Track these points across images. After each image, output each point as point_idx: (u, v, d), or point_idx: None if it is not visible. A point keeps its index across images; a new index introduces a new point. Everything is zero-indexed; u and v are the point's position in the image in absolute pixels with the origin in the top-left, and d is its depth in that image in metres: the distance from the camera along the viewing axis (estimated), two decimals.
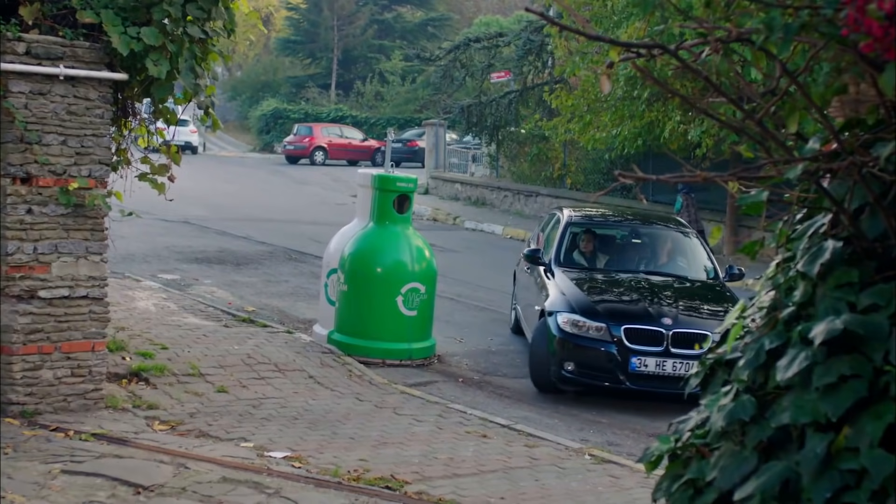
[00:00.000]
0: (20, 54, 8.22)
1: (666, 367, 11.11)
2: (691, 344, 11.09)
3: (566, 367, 11.31)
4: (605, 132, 24.16)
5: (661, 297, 11.79)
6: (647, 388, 11.17)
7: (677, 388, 10.07)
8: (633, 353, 11.13)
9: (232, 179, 36.86)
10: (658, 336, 11.19)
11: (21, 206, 8.32)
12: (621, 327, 11.23)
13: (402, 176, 12.66)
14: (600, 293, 12.00)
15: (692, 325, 11.29)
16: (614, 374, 11.17)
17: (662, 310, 11.49)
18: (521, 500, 7.66)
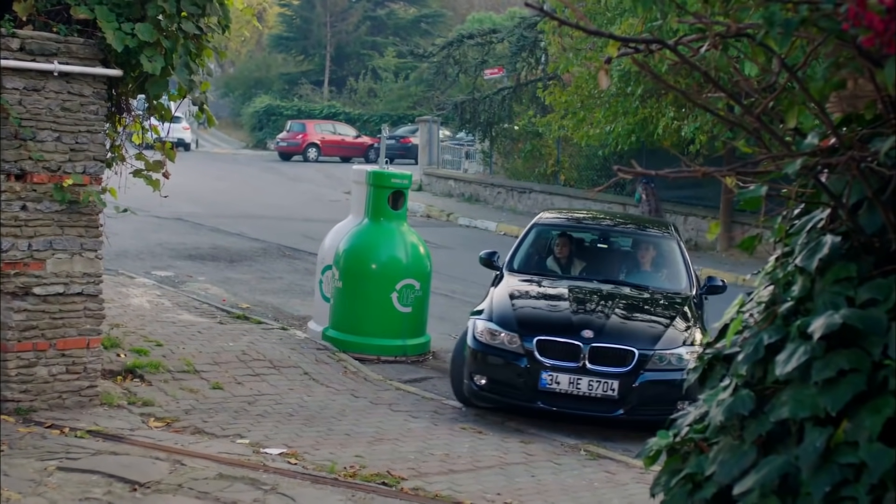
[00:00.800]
0: (14, 50, 8.20)
1: (581, 386, 9.75)
2: (613, 361, 9.80)
3: (477, 381, 10.05)
4: (599, 129, 24.16)
5: (600, 308, 10.46)
6: (560, 409, 9.85)
7: (595, 410, 9.79)
8: (545, 368, 9.81)
9: (225, 176, 36.83)
10: (574, 350, 9.85)
11: (15, 202, 8.30)
12: (534, 339, 9.91)
13: (397, 172, 12.66)
14: (531, 301, 10.69)
15: (617, 340, 9.93)
16: (524, 391, 9.87)
17: (587, 321, 10.11)
18: (517, 496, 7.66)
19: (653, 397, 9.81)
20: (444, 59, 37.79)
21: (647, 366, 9.83)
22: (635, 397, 9.76)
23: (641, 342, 9.95)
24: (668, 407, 8.91)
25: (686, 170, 3.47)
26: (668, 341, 10.01)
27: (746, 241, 3.90)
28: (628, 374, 9.79)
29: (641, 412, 9.79)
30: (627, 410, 9.77)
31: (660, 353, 9.88)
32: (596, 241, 12.27)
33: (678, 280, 11.44)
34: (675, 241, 11.88)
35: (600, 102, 24.10)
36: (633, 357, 9.84)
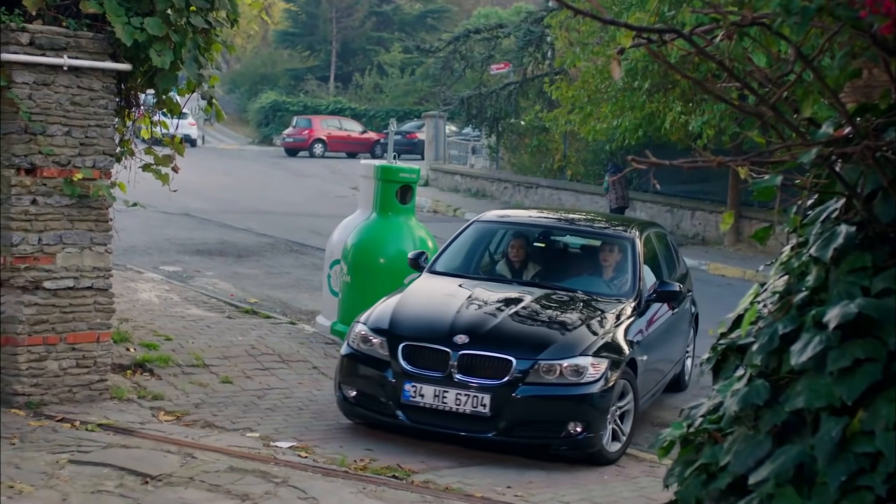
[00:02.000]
0: (24, 45, 8.21)
1: (447, 400, 8.41)
2: (487, 371, 8.43)
3: (348, 393, 8.86)
4: (606, 123, 24.14)
5: (493, 312, 9.02)
6: (424, 426, 8.55)
7: (463, 428, 8.43)
8: (409, 377, 8.54)
9: (231, 172, 36.85)
10: (442, 358, 8.52)
11: (26, 196, 8.32)
12: (401, 345, 8.66)
13: (405, 167, 12.65)
14: (422, 304, 9.34)
15: (494, 347, 8.53)
16: (387, 404, 8.62)
17: (467, 325, 8.73)
18: (527, 489, 7.67)
19: (535, 415, 8.43)
20: (450, 54, 37.76)
21: (529, 378, 8.38)
22: (511, 415, 8.34)
23: (524, 350, 8.51)
24: (555, 428, 8.42)
25: (701, 160, 3.47)
26: (562, 349, 8.55)
27: (760, 232, 3.90)
28: (503, 387, 8.35)
29: (520, 433, 8.42)
30: (502, 430, 8.35)
31: (547, 363, 8.42)
32: (537, 241, 10.85)
33: (621, 284, 9.98)
34: (629, 243, 10.28)
35: (607, 97, 24.08)
36: (510, 367, 8.38)
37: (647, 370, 9.48)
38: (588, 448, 8.50)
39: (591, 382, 8.45)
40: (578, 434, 8.38)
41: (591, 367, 8.49)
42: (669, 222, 26.49)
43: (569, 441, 8.41)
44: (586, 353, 8.59)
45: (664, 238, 11.81)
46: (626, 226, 11.00)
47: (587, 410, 8.44)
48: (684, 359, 11.58)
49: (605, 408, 8.50)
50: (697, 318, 12.26)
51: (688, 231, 25.88)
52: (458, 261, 10.44)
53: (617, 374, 8.64)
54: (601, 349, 8.67)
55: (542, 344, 8.63)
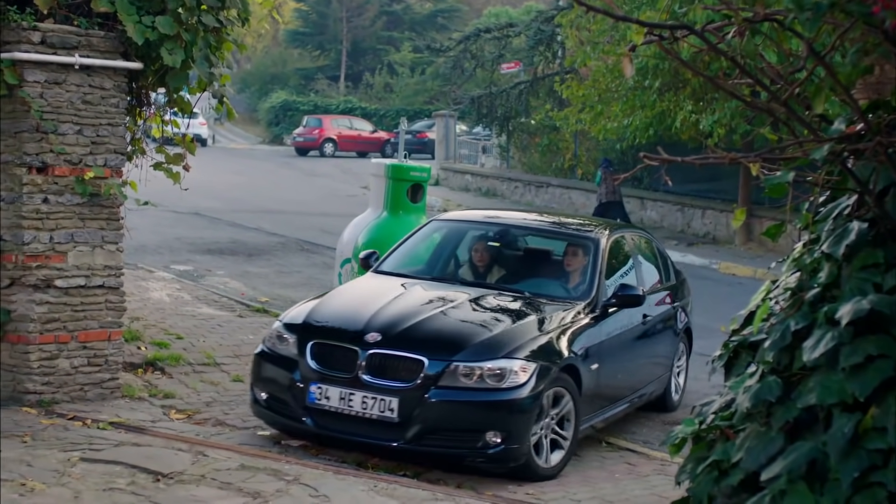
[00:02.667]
0: (35, 44, 8.23)
1: (353, 403, 7.70)
2: (397, 373, 7.73)
3: (259, 396, 8.28)
4: (617, 122, 24.11)
5: (418, 312, 8.29)
6: (330, 432, 7.90)
7: (370, 435, 7.70)
8: (315, 378, 7.90)
9: (242, 171, 36.88)
10: (350, 357, 7.84)
11: (37, 195, 8.34)
12: (309, 343, 8.04)
13: (416, 165, 12.66)
14: (345, 302, 8.72)
15: (407, 346, 7.82)
16: (294, 407, 7.99)
17: (382, 323, 8.03)
18: (538, 488, 7.67)
19: (448, 423, 7.69)
20: (460, 53, 37.75)
21: (443, 381, 7.64)
22: (422, 422, 7.60)
23: (438, 350, 7.78)
24: (471, 437, 7.63)
25: (714, 156, 3.47)
26: (482, 350, 7.80)
27: (772, 229, 3.90)
28: (413, 391, 7.63)
29: (430, 442, 7.65)
30: (411, 438, 7.60)
31: (463, 364, 7.67)
32: (493, 241, 10.02)
33: (577, 287, 9.18)
34: (592, 245, 9.42)
35: (618, 96, 24.07)
36: (422, 368, 7.65)
37: (600, 381, 8.67)
38: (509, 461, 7.67)
39: (513, 388, 7.65)
40: (497, 445, 7.57)
41: (514, 370, 7.69)
42: (680, 221, 26.47)
43: (486, 452, 7.59)
44: (511, 355, 7.78)
45: (646, 243, 10.82)
46: (596, 227, 10.00)
47: (508, 419, 7.64)
48: (669, 375, 10.50)
49: (530, 417, 7.71)
50: (690, 331, 11.12)
51: (698, 230, 25.85)
52: (407, 260, 9.77)
53: (548, 381, 7.82)
54: (531, 352, 7.88)
55: (459, 344, 7.86)
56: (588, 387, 8.45)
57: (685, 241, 24.95)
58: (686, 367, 11.03)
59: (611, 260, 9.59)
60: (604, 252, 9.37)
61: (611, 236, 9.75)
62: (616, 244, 9.87)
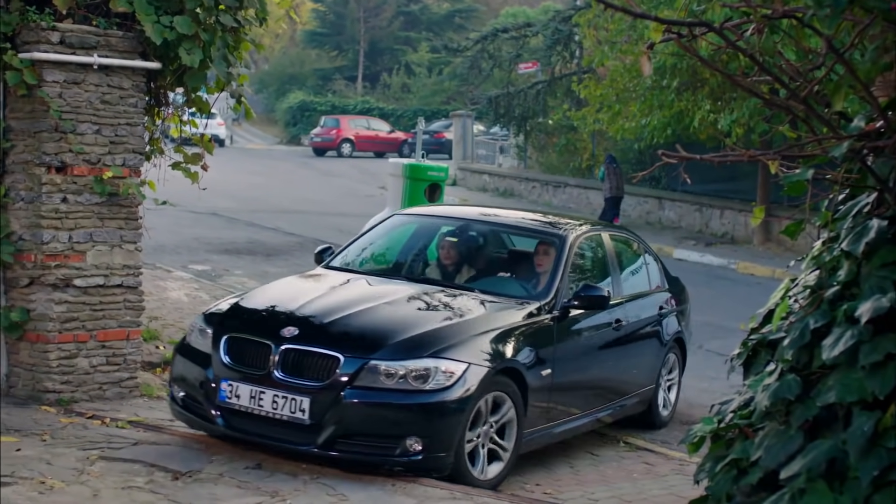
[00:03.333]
0: (54, 44, 8.26)
1: (263, 403, 7.13)
2: (311, 370, 7.11)
3: (177, 394, 7.77)
4: (634, 122, 24.09)
5: (345, 307, 7.65)
6: (241, 434, 7.32)
7: (282, 438, 7.13)
8: (228, 375, 7.35)
9: (259, 171, 36.95)
10: (263, 352, 7.27)
11: (56, 195, 8.37)
12: (224, 336, 7.49)
13: (434, 165, 12.68)
14: (275, 296, 8.11)
15: (323, 342, 7.22)
16: (206, 405, 7.46)
17: (302, 317, 7.52)
18: (556, 487, 7.67)
19: (364, 427, 7.02)
20: (478, 53, 37.79)
21: (360, 380, 7.01)
22: (335, 425, 6.98)
23: (356, 347, 7.17)
24: (389, 443, 6.97)
25: (732, 154, 3.46)
26: (404, 348, 7.17)
27: (791, 227, 3.89)
28: (326, 390, 7.02)
29: (345, 448, 7.01)
30: (324, 443, 6.99)
31: (383, 363, 7.04)
32: (451, 237, 9.22)
33: (535, 287, 8.50)
34: (557, 241, 8.74)
35: (636, 96, 24.04)
36: (337, 365, 7.06)
37: (554, 389, 7.98)
38: (431, 470, 7.04)
39: (438, 390, 7.00)
40: (417, 452, 6.94)
41: (441, 371, 7.05)
42: (698, 221, 26.41)
43: (405, 460, 6.96)
44: (438, 354, 7.14)
45: (631, 246, 10.14)
46: (568, 226, 9.17)
47: (430, 424, 6.98)
48: (655, 389, 9.73)
49: (457, 423, 7.03)
50: (683, 342, 10.37)
51: (717, 230, 25.79)
52: (360, 256, 9.21)
53: (482, 384, 7.15)
54: (462, 352, 7.23)
55: (379, 341, 7.22)
56: (537, 394, 7.75)
57: (703, 240, 24.90)
58: (679, 381, 10.30)
59: (581, 260, 9.03)
60: (569, 251, 8.67)
61: (582, 235, 9.07)
62: (589, 244, 9.29)
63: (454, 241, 9.10)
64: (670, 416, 10.07)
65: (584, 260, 9.13)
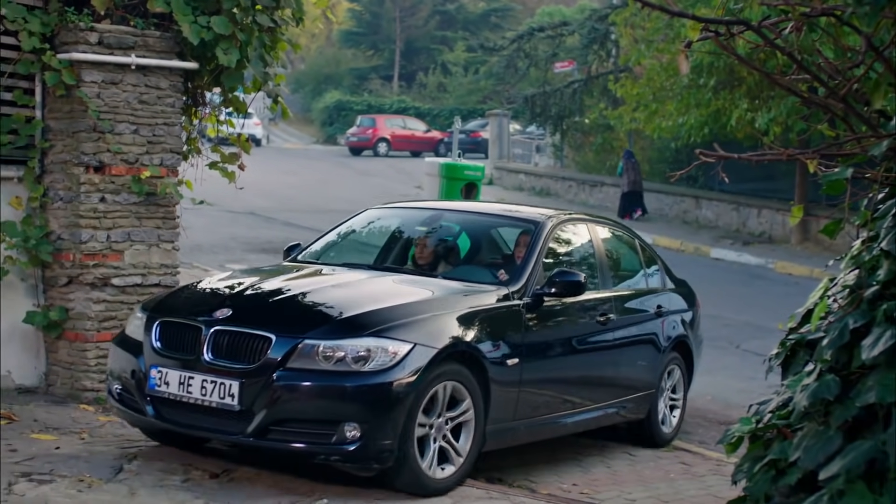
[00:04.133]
0: (93, 44, 8.32)
1: (192, 389, 6.58)
2: (241, 352, 6.53)
3: (114, 388, 7.20)
4: (671, 121, 24.03)
5: (293, 289, 7.23)
6: (172, 424, 6.82)
7: (212, 428, 6.64)
8: (158, 360, 6.82)
9: (296, 171, 37.08)
10: (193, 335, 6.74)
11: (94, 194, 8.42)
12: (157, 321, 6.97)
13: (470, 164, 12.68)
14: (220, 281, 7.75)
15: (254, 323, 6.64)
16: (137, 395, 6.93)
17: (240, 299, 7.12)
18: (592, 487, 7.64)
19: (296, 412, 6.46)
20: (514, 52, 37.79)
21: (293, 361, 6.43)
22: (266, 411, 6.41)
23: (290, 326, 6.61)
24: (324, 430, 6.36)
25: (771, 153, 3.44)
26: (342, 327, 6.59)
27: (830, 226, 3.86)
28: (257, 373, 6.46)
29: (278, 436, 6.44)
30: (255, 431, 6.42)
31: (317, 343, 6.45)
32: (422, 226, 8.75)
33: (506, 273, 7.83)
34: (533, 228, 8.13)
35: (672, 94, 23.98)
36: (269, 346, 6.48)
37: (525, 383, 7.35)
38: (371, 461, 6.42)
39: (379, 371, 6.37)
40: (355, 440, 6.30)
41: (382, 351, 6.42)
42: (736, 220, 26.29)
43: (342, 449, 6.33)
44: (381, 333, 6.53)
45: (625, 241, 9.49)
46: (548, 214, 8.58)
47: (370, 409, 6.35)
48: (654, 398, 8.96)
49: (401, 408, 6.40)
50: (689, 350, 9.52)
51: (754, 229, 25.66)
52: (329, 249, 8.62)
53: (432, 368, 6.54)
54: (409, 332, 6.62)
55: (316, 320, 6.70)
56: (501, 386, 7.13)
57: (741, 240, 24.78)
58: (684, 400, 9.51)
59: (562, 249, 8.45)
60: (545, 237, 8.05)
61: (561, 223, 8.48)
62: (572, 234, 8.69)
63: (426, 230, 8.62)
64: (674, 435, 9.27)
65: (565, 249, 8.53)
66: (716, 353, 13.62)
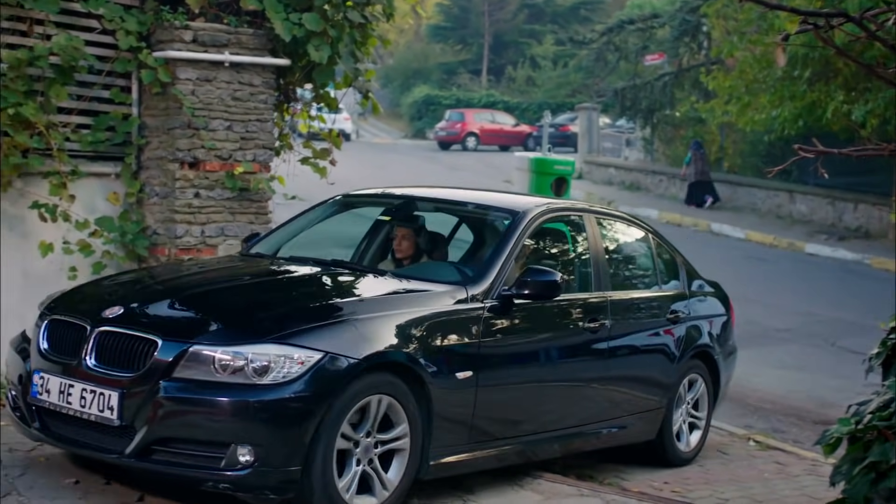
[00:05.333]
0: (187, 42, 8.42)
1: (72, 399, 5.65)
2: (125, 358, 5.56)
3: (10, 393, 6.26)
4: (765, 114, 23.71)
5: (204, 287, 6.49)
6: (55, 441, 5.85)
7: (92, 444, 5.65)
8: (40, 365, 5.89)
9: (385, 165, 37.23)
10: (78, 336, 5.82)
11: (189, 190, 8.53)
12: (46, 320, 6.08)
13: (560, 159, 12.63)
14: (133, 278, 6.91)
15: (142, 326, 5.67)
16: (22, 404, 5.99)
17: (134, 296, 6.21)
18: (684, 485, 7.57)
19: (182, 430, 5.42)
20: (603, 45, 37.53)
21: (180, 370, 5.44)
22: (148, 426, 5.42)
23: (180, 329, 5.67)
24: (213, 452, 5.34)
25: (872, 147, 3.36)
26: (241, 332, 5.60)
27: None
28: (139, 382, 5.50)
29: (161, 457, 5.44)
30: (136, 451, 5.45)
31: (206, 349, 5.45)
32: (385, 215, 8.07)
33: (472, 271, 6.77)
34: (510, 220, 7.05)
35: (766, 87, 23.65)
36: (154, 351, 5.51)
37: (481, 400, 6.24)
38: (268, 490, 5.43)
39: (279, 385, 5.37)
40: (248, 465, 5.32)
41: (284, 359, 5.41)
42: (831, 215, 25.86)
43: (233, 476, 5.33)
44: (284, 339, 5.51)
45: (630, 233, 8.37)
46: (536, 202, 7.56)
47: (265, 429, 5.34)
48: (663, 414, 7.90)
49: (304, 429, 5.37)
50: (713, 361, 8.42)
51: (850, 224, 25.21)
52: (284, 241, 7.73)
53: (350, 380, 5.53)
54: (322, 338, 5.58)
55: (209, 321, 5.76)
56: (450, 404, 6.07)
57: (836, 234, 24.37)
58: (708, 419, 8.47)
59: (546, 245, 7.47)
60: (522, 230, 6.93)
61: (547, 214, 7.32)
62: (562, 227, 7.67)
63: (388, 220, 7.84)
64: (692, 455, 8.26)
65: (550, 244, 7.52)
66: (810, 350, 13.44)
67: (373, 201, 8.24)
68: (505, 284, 6.54)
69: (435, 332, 6.07)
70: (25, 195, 8.22)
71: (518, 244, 6.84)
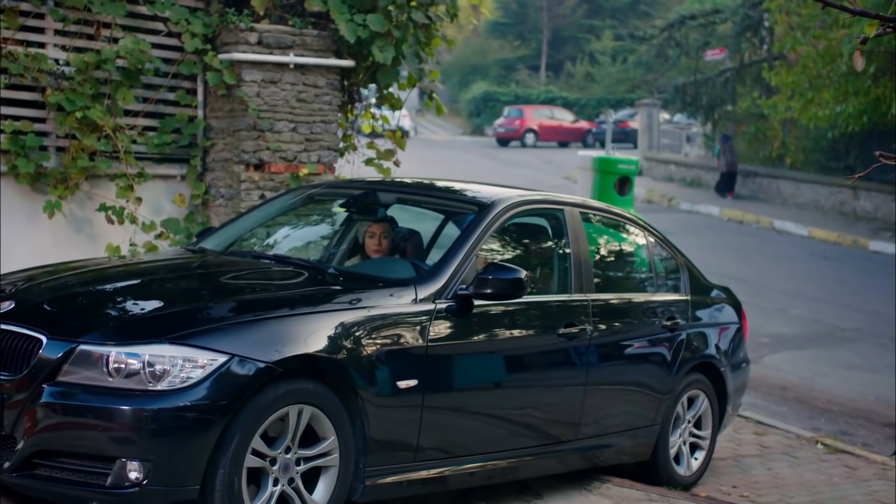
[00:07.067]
0: (252, 44, 8.46)
1: None
2: (11, 359, 4.92)
3: None
4: (828, 109, 23.41)
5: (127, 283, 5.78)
6: None
7: None
8: None
9: (443, 162, 37.24)
10: None
11: (254, 191, 8.57)
12: None
13: (623, 158, 12.52)
14: (55, 271, 5.98)
15: (29, 322, 4.99)
16: None
17: (36, 291, 5.47)
18: (753, 489, 7.49)
19: (67, 442, 4.75)
20: (664, 41, 37.31)
21: (65, 373, 4.80)
22: (29, 437, 4.78)
23: (69, 325, 4.98)
24: (98, 467, 4.70)
25: None
26: (133, 328, 4.96)
27: None
28: (21, 387, 4.87)
29: (41, 473, 4.79)
30: (16, 465, 4.80)
31: (95, 349, 4.79)
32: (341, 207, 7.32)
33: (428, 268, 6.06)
34: (472, 212, 6.34)
35: (829, 82, 23.36)
36: (38, 350, 4.88)
37: (427, 412, 5.51)
38: None
39: (175, 391, 4.71)
40: (136, 483, 4.67)
41: (183, 362, 4.75)
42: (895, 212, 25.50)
43: (119, 495, 4.67)
44: (183, 339, 4.82)
45: (621, 230, 7.60)
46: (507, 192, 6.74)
47: (155, 442, 4.66)
48: (658, 430, 7.09)
49: (203, 443, 4.71)
50: (719, 373, 7.55)
51: None
52: (235, 235, 6.90)
53: (259, 386, 4.84)
54: (228, 338, 4.88)
55: (99, 318, 5.09)
56: (388, 419, 5.36)
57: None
58: (713, 439, 7.62)
59: (518, 241, 6.81)
60: (486, 224, 6.20)
61: (519, 206, 6.55)
62: (537, 221, 6.93)
63: (345, 213, 7.21)
64: (692, 480, 7.42)
65: (523, 240, 6.86)
66: (877, 350, 13.26)
67: (334, 193, 7.45)
68: (463, 283, 5.83)
69: (372, 335, 5.35)
70: (93, 197, 8.31)
71: (481, 239, 6.12)
